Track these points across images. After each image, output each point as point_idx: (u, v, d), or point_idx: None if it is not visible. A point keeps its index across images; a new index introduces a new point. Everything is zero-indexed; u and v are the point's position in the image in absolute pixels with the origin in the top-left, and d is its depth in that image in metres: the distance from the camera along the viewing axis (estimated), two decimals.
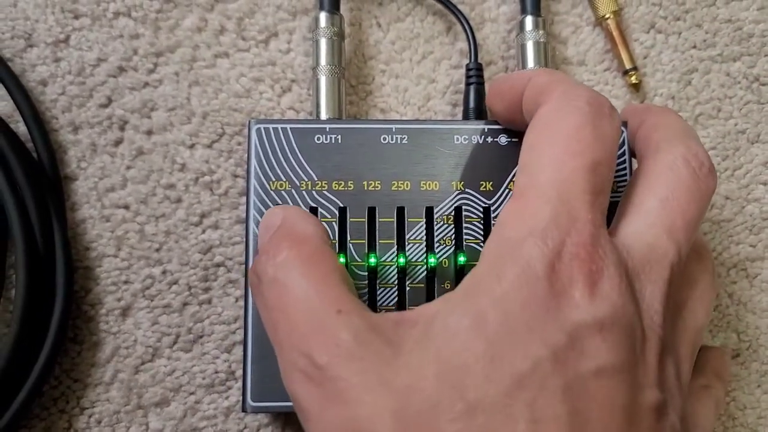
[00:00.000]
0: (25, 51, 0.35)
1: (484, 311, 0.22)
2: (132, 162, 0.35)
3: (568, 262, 0.22)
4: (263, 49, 0.36)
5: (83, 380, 0.33)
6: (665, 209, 0.25)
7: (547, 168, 0.24)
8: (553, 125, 0.25)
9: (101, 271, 0.34)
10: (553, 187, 0.24)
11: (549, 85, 0.27)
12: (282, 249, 0.25)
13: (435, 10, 0.37)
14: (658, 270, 0.24)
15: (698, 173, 0.26)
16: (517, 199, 0.25)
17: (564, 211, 0.23)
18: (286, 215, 0.27)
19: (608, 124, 0.25)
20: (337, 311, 0.23)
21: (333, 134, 0.32)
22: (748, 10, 0.37)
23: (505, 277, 0.22)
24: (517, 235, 0.23)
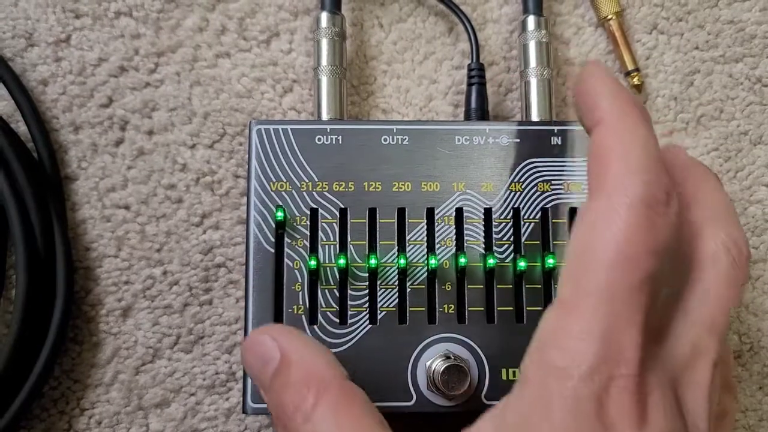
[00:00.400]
0: (26, 50, 0.35)
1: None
2: (133, 162, 0.35)
3: (616, 396, 0.22)
4: (265, 49, 0.36)
5: (83, 381, 0.33)
6: (707, 304, 0.24)
7: (594, 283, 0.23)
8: (601, 231, 0.23)
9: (102, 271, 0.34)
10: (600, 307, 0.22)
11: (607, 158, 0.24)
12: (307, 398, 0.24)
13: (437, 11, 0.37)
14: (700, 372, 0.24)
15: (737, 262, 0.25)
16: (562, 314, 0.23)
17: (612, 339, 0.22)
18: (284, 348, 0.25)
19: (662, 224, 0.23)
20: None
21: (334, 135, 0.32)
22: (751, 11, 0.37)
23: (554, 416, 0.22)
24: (564, 366, 0.22)
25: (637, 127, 0.24)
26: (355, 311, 0.30)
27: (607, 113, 0.25)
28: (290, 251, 0.31)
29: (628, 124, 0.24)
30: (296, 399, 0.24)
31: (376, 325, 0.30)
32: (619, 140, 0.24)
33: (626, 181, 0.23)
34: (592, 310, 0.22)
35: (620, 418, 0.22)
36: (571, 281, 0.23)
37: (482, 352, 0.30)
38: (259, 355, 0.26)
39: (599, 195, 0.24)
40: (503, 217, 0.31)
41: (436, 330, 0.30)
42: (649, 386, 0.22)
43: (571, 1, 0.37)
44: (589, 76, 0.26)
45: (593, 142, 0.25)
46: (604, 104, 0.25)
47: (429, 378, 0.29)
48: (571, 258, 0.24)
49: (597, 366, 0.22)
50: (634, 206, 0.23)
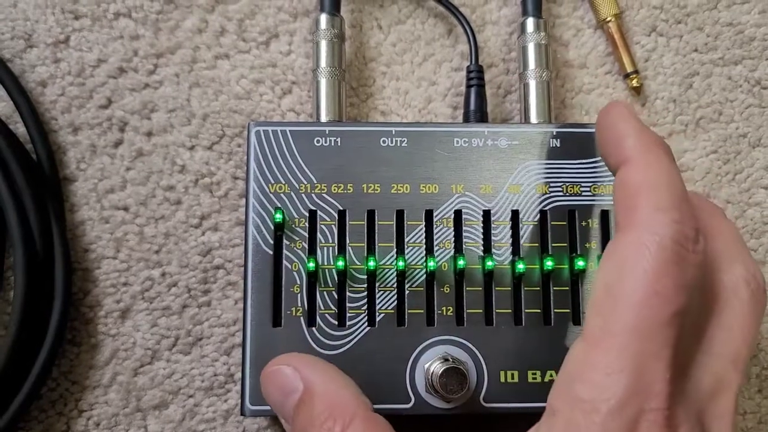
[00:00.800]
0: (24, 52, 0.35)
1: None
2: (132, 163, 0.35)
3: (646, 430, 0.22)
4: (264, 50, 0.36)
5: (81, 382, 0.33)
6: (730, 339, 0.25)
7: (623, 318, 0.23)
8: (632, 268, 0.23)
9: (100, 272, 0.34)
10: (629, 343, 0.23)
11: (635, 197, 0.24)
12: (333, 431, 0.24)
13: (436, 13, 0.37)
14: (724, 404, 0.24)
15: (756, 294, 0.25)
16: (590, 348, 0.23)
17: (640, 373, 0.22)
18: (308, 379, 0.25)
19: (690, 263, 0.23)
20: None
21: (332, 137, 0.32)
22: (750, 13, 0.37)
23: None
24: (591, 399, 0.22)
25: (663, 164, 0.25)
26: (354, 313, 0.30)
27: (634, 151, 0.25)
28: (289, 253, 0.31)
29: (654, 162, 0.25)
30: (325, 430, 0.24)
31: (375, 327, 0.30)
32: (646, 178, 0.24)
33: (656, 218, 0.23)
34: (621, 344, 0.22)
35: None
36: (599, 315, 0.23)
37: (481, 355, 0.30)
38: (279, 385, 0.26)
39: (629, 231, 0.24)
40: (502, 219, 0.31)
41: (435, 332, 0.30)
42: (677, 419, 0.22)
43: (570, 3, 0.37)
44: (613, 114, 0.26)
45: (620, 179, 0.25)
46: (629, 142, 0.25)
47: (427, 380, 0.29)
48: (599, 292, 0.24)
49: (627, 400, 0.22)
50: (664, 244, 0.23)
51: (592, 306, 0.24)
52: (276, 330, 0.30)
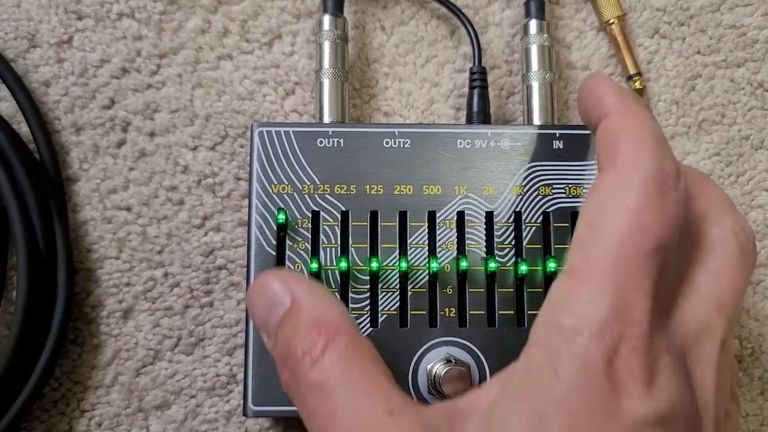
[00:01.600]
0: (28, 52, 0.35)
1: (546, 412, 0.22)
2: (134, 164, 0.35)
3: (626, 356, 0.22)
4: (267, 51, 0.36)
5: (84, 383, 0.33)
6: (717, 285, 0.25)
7: (605, 251, 0.23)
8: (614, 203, 0.24)
9: (102, 273, 0.34)
10: (611, 273, 0.23)
11: (616, 140, 0.25)
12: (316, 344, 0.24)
13: (439, 14, 0.37)
14: (708, 349, 0.24)
15: (745, 247, 0.26)
16: (572, 281, 0.24)
17: (622, 301, 0.23)
18: (296, 295, 0.25)
19: (672, 201, 0.24)
20: (388, 413, 0.22)
21: (335, 138, 0.32)
22: (753, 16, 0.37)
23: (564, 374, 0.22)
24: (574, 325, 0.22)
25: (643, 114, 0.26)
26: (356, 314, 0.30)
27: (614, 105, 0.26)
28: (292, 254, 0.31)
29: (634, 112, 0.26)
30: (306, 344, 0.24)
31: (377, 329, 0.30)
32: (627, 124, 0.25)
33: (638, 157, 0.24)
34: (603, 275, 0.23)
35: (629, 377, 0.22)
36: (581, 249, 0.24)
37: (483, 356, 0.30)
38: (267, 298, 0.25)
39: (610, 169, 0.25)
40: (505, 221, 0.31)
41: (437, 333, 0.30)
42: (658, 351, 0.23)
43: (573, 5, 0.37)
44: (593, 80, 0.27)
45: (601, 129, 0.26)
46: (609, 99, 0.26)
47: (430, 381, 0.29)
48: (581, 228, 0.24)
49: (608, 325, 0.22)
50: (645, 179, 0.24)
51: (574, 242, 0.24)
52: None
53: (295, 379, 0.24)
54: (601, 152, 0.26)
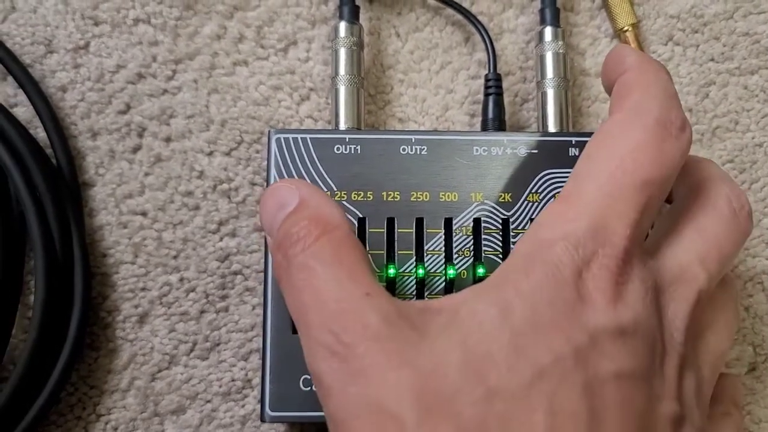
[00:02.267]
0: (45, 57, 0.35)
1: (511, 303, 0.23)
2: (150, 169, 0.35)
3: (596, 271, 0.23)
4: (282, 57, 0.36)
5: (100, 387, 0.33)
6: (701, 239, 0.26)
7: (596, 179, 0.24)
8: (614, 139, 0.25)
9: (118, 277, 0.34)
10: (597, 198, 0.24)
11: (629, 89, 0.26)
12: (312, 233, 0.25)
13: (454, 20, 0.37)
14: (684, 292, 0.25)
15: (738, 214, 0.27)
16: (559, 203, 0.25)
17: (602, 224, 0.24)
18: (305, 195, 0.26)
19: (671, 146, 0.25)
20: (366, 294, 0.23)
21: (352, 145, 0.32)
22: (766, 23, 0.37)
23: (533, 274, 0.23)
24: (551, 238, 0.24)
25: (659, 71, 0.27)
26: None
27: (633, 63, 0.27)
28: None
29: (651, 69, 0.27)
30: (302, 231, 0.25)
31: None
32: (642, 78, 0.26)
33: (646, 103, 0.25)
34: (589, 199, 0.24)
35: (596, 291, 0.23)
36: (575, 179, 0.25)
37: None
38: (276, 199, 0.26)
39: (617, 112, 0.26)
40: (521, 228, 0.31)
41: None
42: (630, 275, 0.23)
43: (587, 13, 0.37)
44: (616, 48, 0.28)
45: (617, 84, 0.27)
46: (629, 59, 0.27)
47: None
48: (580, 161, 0.26)
49: (584, 241, 0.23)
50: (649, 123, 0.25)
51: (572, 173, 0.26)
52: (295, 336, 0.30)
53: (286, 259, 0.25)
54: (613, 100, 0.27)
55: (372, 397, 0.22)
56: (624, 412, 0.22)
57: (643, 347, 0.23)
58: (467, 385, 0.21)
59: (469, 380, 0.22)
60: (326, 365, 0.23)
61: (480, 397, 0.21)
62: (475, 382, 0.22)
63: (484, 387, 0.21)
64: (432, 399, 0.21)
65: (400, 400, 0.21)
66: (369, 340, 0.22)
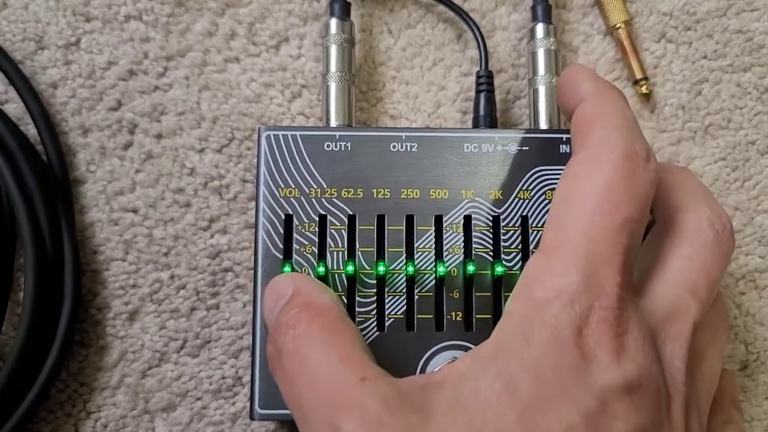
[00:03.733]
0: (36, 53, 0.35)
1: (515, 376, 0.22)
2: (141, 166, 0.35)
3: (595, 326, 0.23)
4: (274, 54, 0.36)
5: (90, 384, 0.33)
6: (689, 269, 0.25)
7: (576, 226, 0.24)
8: (584, 180, 0.25)
9: (109, 274, 0.34)
10: (582, 247, 0.24)
11: (590, 123, 0.26)
12: (302, 320, 0.25)
13: (446, 18, 0.37)
14: (679, 328, 0.25)
15: (721, 235, 0.26)
16: (545, 256, 0.24)
17: (592, 275, 0.23)
18: (298, 285, 0.26)
19: (642, 179, 0.24)
20: (361, 378, 0.23)
21: (342, 141, 0.32)
22: (759, 20, 0.37)
23: (534, 341, 0.22)
24: (545, 297, 0.23)
25: (616, 100, 0.27)
26: (363, 318, 0.30)
27: (589, 91, 0.27)
28: (298, 257, 0.31)
29: (607, 98, 0.27)
30: (292, 320, 0.25)
31: (384, 332, 0.30)
32: (600, 109, 0.26)
33: (609, 138, 0.25)
34: (574, 249, 0.24)
35: (598, 347, 0.22)
36: (553, 226, 0.25)
37: None
38: (275, 293, 0.27)
39: (582, 151, 0.26)
40: (511, 225, 0.31)
41: (444, 337, 0.30)
42: (628, 324, 0.23)
43: (579, 10, 0.37)
44: (571, 70, 0.28)
45: (576, 115, 0.27)
46: (584, 86, 0.27)
47: None
48: (554, 206, 0.25)
49: (578, 296, 0.23)
50: (615, 158, 0.25)
51: (548, 220, 0.25)
52: None
53: (277, 348, 0.25)
54: (575, 135, 0.27)
55: None
56: None
57: (651, 400, 0.23)
58: None
59: None
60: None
61: None
62: None
63: None
64: None
65: None
66: (371, 429, 0.22)
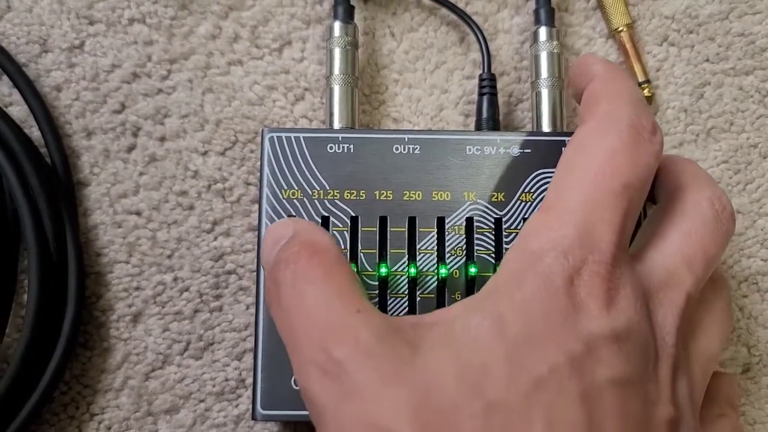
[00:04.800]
0: (40, 56, 0.35)
1: (505, 315, 0.23)
2: (145, 168, 0.35)
3: (587, 278, 0.23)
4: (277, 57, 0.36)
5: (93, 386, 0.33)
6: (687, 242, 0.26)
7: (577, 187, 0.25)
8: (589, 146, 0.26)
9: (113, 277, 0.34)
10: (580, 206, 0.24)
11: (599, 97, 0.27)
12: (301, 256, 0.25)
13: (448, 21, 0.37)
14: (672, 296, 0.25)
15: (720, 215, 0.27)
16: (543, 213, 0.25)
17: (588, 231, 0.24)
18: (298, 228, 0.26)
19: (645, 150, 0.25)
20: (356, 310, 0.23)
21: (345, 144, 0.32)
22: (761, 24, 0.37)
23: (525, 285, 0.23)
24: (540, 249, 0.24)
25: (625, 79, 0.28)
26: None
27: (600, 71, 0.28)
28: None
29: (617, 78, 0.28)
30: (292, 256, 0.25)
31: None
32: (609, 86, 0.27)
33: (617, 110, 0.26)
34: (573, 208, 0.24)
35: (588, 298, 0.23)
36: (555, 188, 0.26)
37: None
38: (274, 235, 0.27)
39: (589, 120, 0.26)
40: (513, 227, 0.31)
41: None
42: (620, 281, 0.24)
43: (582, 13, 0.37)
44: (583, 57, 0.29)
45: (585, 93, 0.28)
46: (595, 67, 0.28)
47: None
48: (558, 170, 0.26)
49: (572, 250, 0.23)
50: (622, 129, 0.25)
51: (551, 184, 0.26)
52: None
53: (275, 283, 0.25)
54: (583, 109, 0.27)
55: (367, 416, 0.21)
56: (622, 418, 0.22)
57: (637, 352, 0.23)
58: (464, 398, 0.21)
59: (466, 394, 0.21)
60: (318, 385, 0.23)
61: (479, 410, 0.21)
62: (473, 395, 0.21)
63: (482, 400, 0.21)
64: (429, 414, 0.21)
65: (397, 417, 0.21)
66: (361, 357, 0.22)
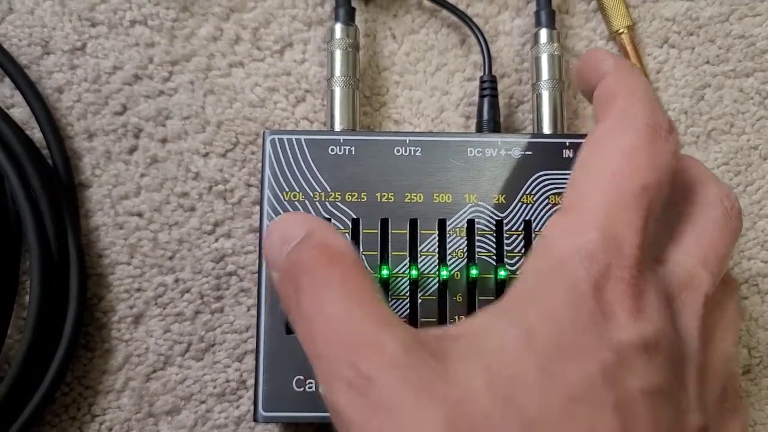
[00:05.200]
0: (41, 58, 0.35)
1: (533, 324, 0.22)
2: (146, 170, 0.35)
3: (613, 284, 0.23)
4: (278, 59, 0.36)
5: (95, 387, 0.33)
6: (701, 242, 0.26)
7: (596, 188, 0.24)
8: (607, 146, 0.25)
9: (114, 278, 0.34)
10: (601, 208, 0.24)
11: (613, 95, 0.26)
12: (319, 262, 0.24)
13: (449, 23, 0.37)
14: (694, 298, 0.25)
15: (730, 213, 0.27)
16: (564, 215, 0.25)
17: (611, 235, 0.23)
18: (311, 227, 0.25)
19: (663, 148, 0.25)
20: (380, 322, 0.23)
21: (347, 146, 0.32)
22: (762, 26, 0.37)
23: (552, 293, 0.23)
24: (563, 254, 0.23)
25: (638, 75, 0.27)
26: None
27: (611, 68, 0.27)
28: None
29: (630, 74, 0.27)
30: (310, 260, 0.24)
31: None
32: (623, 83, 0.27)
33: (633, 108, 0.26)
34: (593, 210, 0.24)
35: (616, 304, 0.22)
36: (574, 188, 0.25)
37: None
38: (283, 232, 0.26)
39: (605, 120, 0.26)
40: (515, 229, 0.31)
41: None
42: (645, 285, 0.23)
43: (582, 15, 0.38)
44: (591, 52, 0.29)
45: (599, 89, 0.27)
46: (606, 63, 0.28)
47: None
48: (576, 171, 0.25)
49: (596, 255, 0.23)
50: (638, 127, 0.25)
51: (569, 184, 0.26)
52: (289, 337, 0.30)
53: (295, 289, 0.24)
54: (598, 107, 0.27)
55: (399, 430, 0.21)
56: (654, 428, 0.22)
57: (666, 361, 0.23)
58: (498, 410, 0.21)
59: (499, 405, 0.21)
60: (345, 398, 0.22)
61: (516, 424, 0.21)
62: (506, 407, 0.21)
63: (518, 414, 0.21)
64: (463, 428, 0.21)
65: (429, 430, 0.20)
66: (389, 370, 0.21)
